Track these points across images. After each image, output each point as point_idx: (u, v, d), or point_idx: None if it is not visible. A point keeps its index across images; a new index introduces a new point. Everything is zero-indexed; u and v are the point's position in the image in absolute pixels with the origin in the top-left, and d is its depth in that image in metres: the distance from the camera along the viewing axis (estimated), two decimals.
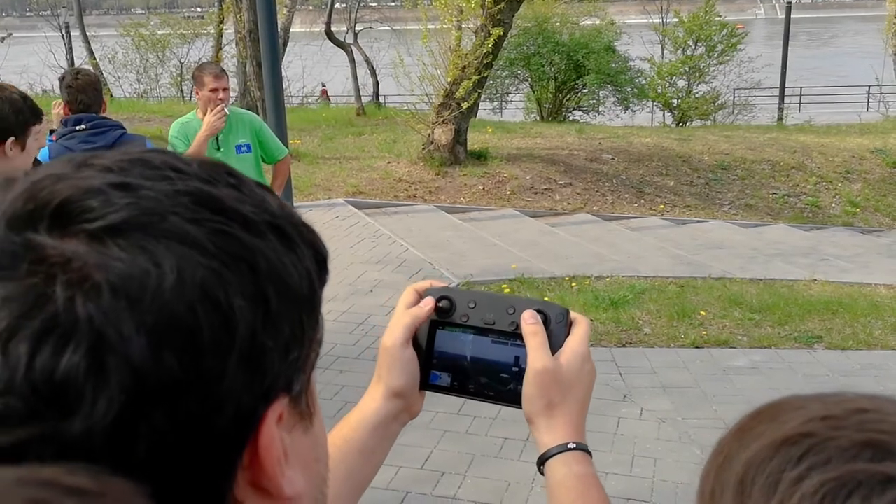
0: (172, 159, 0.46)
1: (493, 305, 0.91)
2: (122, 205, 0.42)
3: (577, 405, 0.88)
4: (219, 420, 0.43)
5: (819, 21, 74.30)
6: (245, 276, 0.43)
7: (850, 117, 20.37)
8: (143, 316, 0.40)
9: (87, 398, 0.38)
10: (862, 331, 6.03)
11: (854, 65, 34.26)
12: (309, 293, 0.48)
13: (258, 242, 0.45)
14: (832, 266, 9.14)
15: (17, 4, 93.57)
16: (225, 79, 4.92)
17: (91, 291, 0.39)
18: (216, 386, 0.42)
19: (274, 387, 0.46)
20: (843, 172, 13.61)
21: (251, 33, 11.04)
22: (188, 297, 0.41)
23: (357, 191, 10.60)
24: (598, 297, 6.47)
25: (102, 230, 0.41)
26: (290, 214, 0.49)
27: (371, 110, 17.87)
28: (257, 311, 0.44)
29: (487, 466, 3.99)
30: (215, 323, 0.42)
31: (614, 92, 19.14)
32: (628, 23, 26.50)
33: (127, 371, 0.39)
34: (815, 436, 0.48)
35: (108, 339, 0.39)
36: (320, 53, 23.76)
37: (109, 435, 0.39)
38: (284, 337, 0.46)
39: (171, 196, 0.43)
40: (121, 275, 0.40)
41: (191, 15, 35.72)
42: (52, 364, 0.38)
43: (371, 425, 0.91)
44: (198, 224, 0.43)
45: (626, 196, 11.74)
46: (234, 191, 0.46)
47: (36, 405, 0.38)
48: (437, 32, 11.58)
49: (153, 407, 0.40)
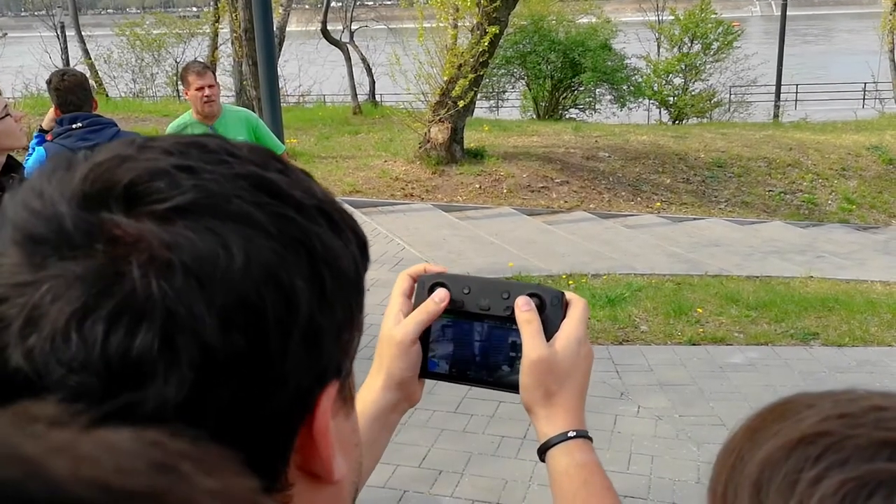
0: (226, 143, 0.48)
1: (487, 291, 0.90)
2: (188, 186, 0.43)
3: (575, 391, 0.87)
4: (280, 399, 0.44)
5: (815, 18, 74.38)
6: (303, 258, 0.45)
7: (846, 114, 20.38)
8: (213, 296, 0.41)
9: (160, 375, 0.39)
10: (858, 327, 6.04)
11: (850, 62, 34.30)
12: (355, 276, 0.50)
13: (313, 226, 0.46)
14: (828, 263, 9.16)
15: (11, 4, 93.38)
16: (209, 75, 4.87)
17: (164, 271, 0.40)
18: (280, 365, 0.43)
19: (328, 368, 0.47)
20: (839, 169, 13.63)
21: (247, 32, 11.04)
22: (255, 278, 0.42)
23: (354, 190, 10.60)
24: (594, 296, 6.47)
25: (171, 211, 0.42)
26: (333, 201, 0.50)
27: (367, 109, 17.86)
28: (314, 292, 0.45)
29: (485, 464, 3.99)
30: (279, 303, 0.43)
31: (610, 90, 19.15)
32: (624, 20, 26.49)
33: (197, 349, 0.40)
34: (833, 435, 0.46)
35: (180, 318, 0.40)
36: (316, 52, 23.73)
37: (180, 411, 0.40)
38: (338, 319, 0.47)
39: (231, 179, 0.44)
40: (192, 255, 0.41)
41: (186, 14, 35.70)
42: (126, 343, 0.39)
43: (371, 417, 0.90)
44: (259, 207, 0.44)
45: (622, 194, 11.75)
46: (283, 176, 0.47)
47: (111, 383, 0.39)
48: (433, 31, 11.57)
49: (222, 384, 0.41)
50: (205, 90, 4.77)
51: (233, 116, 5.01)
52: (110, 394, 0.39)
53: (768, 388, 4.91)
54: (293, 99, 22.90)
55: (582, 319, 0.88)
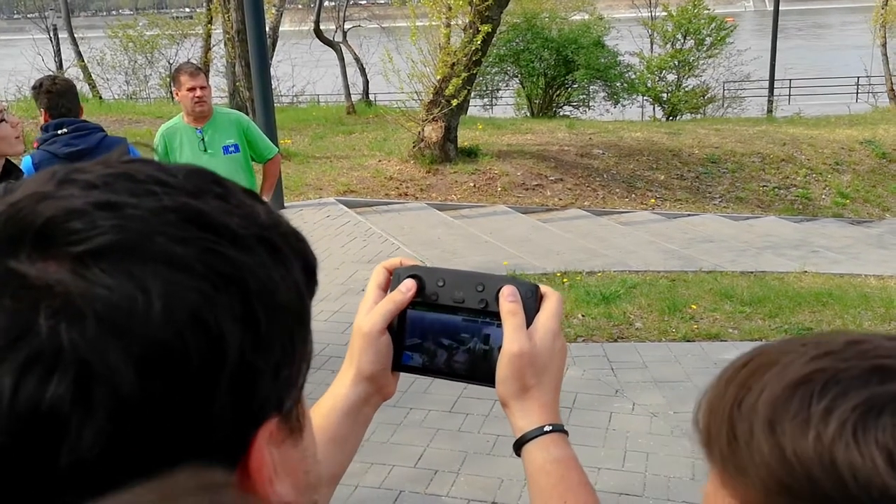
0: (157, 171, 0.45)
1: (462, 283, 0.89)
2: (106, 227, 0.40)
3: (551, 385, 0.87)
4: (209, 445, 0.42)
5: (807, 13, 74.45)
6: (234, 297, 0.42)
7: (840, 109, 20.43)
8: (129, 344, 0.39)
9: (73, 429, 0.38)
10: (852, 322, 6.06)
11: (843, 56, 34.36)
12: (298, 307, 0.47)
13: (247, 259, 0.44)
14: (823, 257, 9.18)
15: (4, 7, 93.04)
16: (201, 77, 4.84)
17: (75, 319, 0.38)
18: (206, 411, 0.41)
19: (265, 407, 0.45)
20: (832, 164, 13.66)
21: (239, 33, 11.02)
22: (176, 324, 0.40)
23: (348, 189, 10.59)
24: (589, 293, 6.48)
25: (87, 254, 0.40)
26: (277, 224, 0.48)
27: (361, 109, 17.85)
28: (247, 332, 0.43)
29: (480, 464, 4.00)
30: (204, 348, 0.41)
31: (604, 87, 19.15)
32: (617, 17, 26.50)
33: (113, 400, 0.38)
34: (827, 371, 0.51)
35: (94, 369, 0.38)
36: (309, 52, 23.70)
37: (98, 465, 0.38)
38: (275, 356, 0.45)
39: (157, 213, 0.42)
40: (106, 302, 0.39)
41: (179, 15, 35.59)
42: (36, 395, 0.37)
43: (342, 412, 0.89)
44: (185, 244, 0.42)
45: (616, 191, 11.76)
46: (221, 202, 0.45)
47: (21, 437, 0.37)
48: (425, 30, 11.57)
49: (142, 434, 0.39)
50: (196, 91, 4.75)
51: (223, 119, 4.97)
52: (20, 449, 0.37)
53: None
54: (287, 99, 22.88)
55: (556, 313, 0.87)
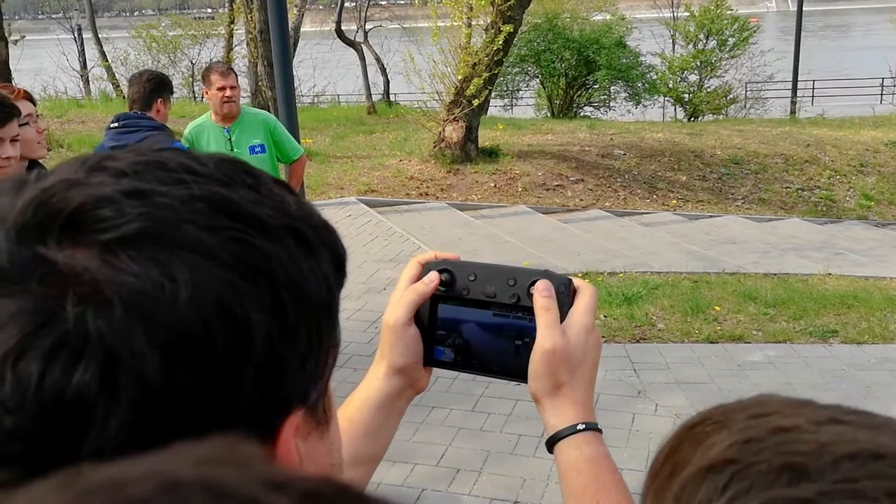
0: (188, 160, 0.45)
1: (493, 277, 0.88)
2: (134, 215, 0.40)
3: (584, 383, 0.86)
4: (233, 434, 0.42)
5: (831, 14, 73.78)
6: (262, 286, 0.42)
7: (864, 110, 20.22)
8: (155, 332, 0.39)
9: (99, 417, 0.37)
10: (878, 325, 5.99)
11: (867, 57, 34.00)
12: (327, 298, 0.47)
13: (275, 249, 0.43)
14: (847, 260, 9.09)
15: (29, 7, 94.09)
16: (232, 76, 4.87)
17: (102, 307, 0.38)
18: (231, 401, 0.41)
19: (290, 398, 0.45)
20: (857, 166, 13.52)
21: (262, 33, 11.08)
22: (203, 312, 0.40)
23: (369, 189, 10.62)
24: (611, 294, 6.46)
25: (115, 242, 0.40)
26: (308, 215, 0.47)
27: (382, 109, 17.89)
28: (274, 322, 0.42)
29: (503, 463, 4.00)
30: (231, 337, 0.40)
31: (625, 87, 19.08)
32: (639, 17, 26.40)
33: (139, 388, 0.38)
34: (737, 462, 0.47)
35: (120, 357, 0.38)
36: (330, 52, 23.79)
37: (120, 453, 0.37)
38: (301, 347, 0.45)
39: (186, 202, 0.42)
40: (133, 290, 0.39)
41: (201, 16, 35.85)
42: (62, 382, 0.37)
43: (375, 405, 0.89)
44: (214, 232, 0.41)
45: (638, 192, 11.70)
46: (251, 192, 0.45)
47: (46, 424, 0.37)
48: (447, 30, 11.58)
49: (166, 424, 0.39)
50: (226, 90, 4.79)
51: (251, 119, 4.99)
52: (46, 436, 0.37)
53: (787, 385, 4.88)
54: (308, 99, 22.97)
55: (590, 307, 0.86)
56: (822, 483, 0.44)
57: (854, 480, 0.43)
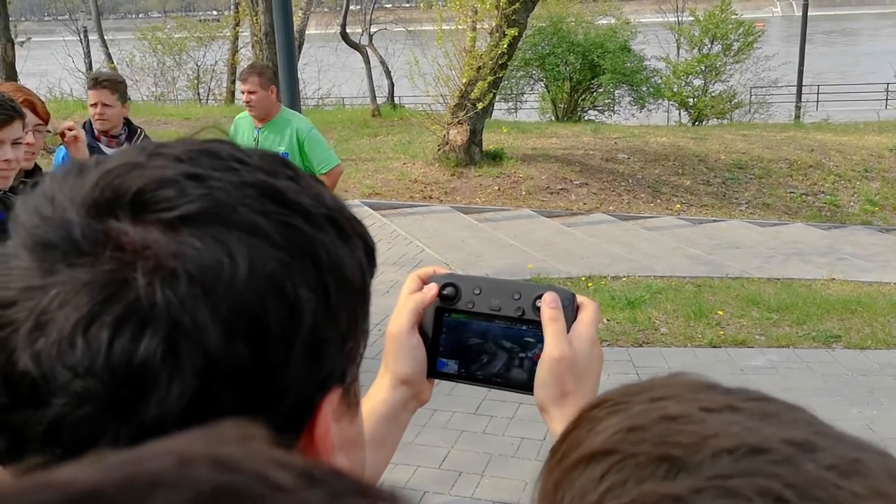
0: (236, 151, 0.48)
1: (498, 291, 0.90)
2: (195, 195, 0.43)
3: (589, 392, 0.87)
4: (281, 407, 0.44)
5: (836, 18, 73.69)
6: (308, 267, 0.45)
7: (869, 115, 20.18)
8: (217, 305, 0.41)
9: (163, 383, 0.40)
10: (881, 330, 5.99)
11: (872, 62, 33.97)
12: (362, 284, 0.50)
13: (319, 235, 0.46)
14: (851, 265, 9.07)
15: (35, 9, 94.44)
16: (251, 80, 4.78)
17: (169, 279, 0.41)
18: (281, 374, 0.44)
19: (330, 378, 0.47)
20: (861, 171, 13.50)
21: (267, 36, 11.12)
22: (259, 288, 0.42)
23: (373, 192, 10.63)
24: (614, 297, 6.46)
25: (178, 220, 0.42)
26: (342, 207, 0.50)
27: (386, 111, 17.90)
28: (319, 302, 0.45)
29: (505, 466, 4.00)
30: (283, 313, 0.43)
31: (630, 91, 19.08)
32: (643, 22, 26.40)
33: (201, 357, 0.41)
34: (617, 452, 0.44)
35: (184, 326, 0.41)
36: (335, 55, 23.82)
37: (182, 417, 0.40)
38: (342, 328, 0.48)
39: (238, 187, 0.45)
40: (197, 264, 0.41)
41: (207, 18, 35.93)
42: (130, 349, 0.40)
43: (380, 416, 0.90)
44: (265, 216, 0.44)
45: (642, 196, 11.70)
46: (292, 183, 0.47)
47: (114, 388, 0.40)
48: (451, 33, 11.59)
49: (224, 392, 0.42)
50: (244, 94, 4.82)
51: (284, 124, 4.86)
52: (113, 399, 0.40)
53: (790, 390, 4.88)
54: (312, 102, 23.00)
55: (593, 321, 0.88)
56: (698, 479, 0.41)
57: (728, 477, 0.40)
